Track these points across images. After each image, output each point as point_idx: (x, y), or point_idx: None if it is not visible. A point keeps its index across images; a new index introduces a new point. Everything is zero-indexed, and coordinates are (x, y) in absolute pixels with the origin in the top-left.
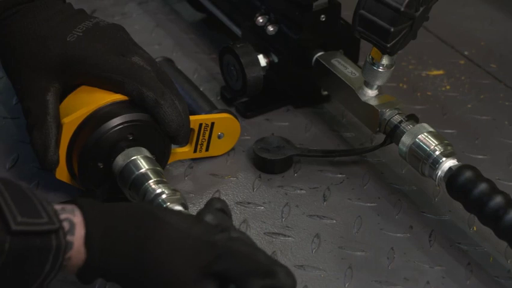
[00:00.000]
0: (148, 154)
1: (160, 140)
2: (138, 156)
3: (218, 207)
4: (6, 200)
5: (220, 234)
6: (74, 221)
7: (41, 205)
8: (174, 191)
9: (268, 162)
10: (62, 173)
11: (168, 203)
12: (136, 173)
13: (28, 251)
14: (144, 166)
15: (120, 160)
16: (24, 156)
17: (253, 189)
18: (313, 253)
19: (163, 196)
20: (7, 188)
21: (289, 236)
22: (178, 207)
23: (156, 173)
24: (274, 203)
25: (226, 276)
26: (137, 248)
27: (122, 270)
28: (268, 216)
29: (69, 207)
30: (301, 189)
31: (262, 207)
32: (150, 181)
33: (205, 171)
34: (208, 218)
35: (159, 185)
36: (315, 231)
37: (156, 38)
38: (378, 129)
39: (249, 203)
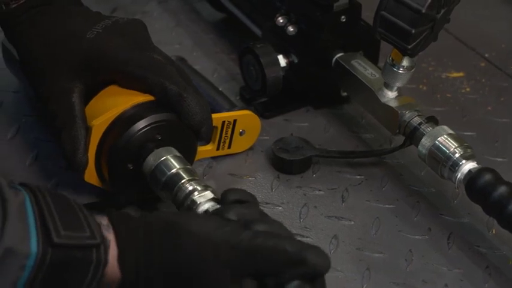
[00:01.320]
0: (177, 153)
1: (187, 138)
2: (168, 156)
3: (234, 199)
4: (51, 213)
5: (243, 233)
6: (109, 239)
7: (85, 219)
8: (205, 187)
9: (287, 163)
10: (90, 175)
11: (199, 202)
12: (168, 173)
13: (69, 263)
14: (175, 166)
15: (150, 161)
16: (44, 154)
17: (272, 189)
18: (331, 254)
19: (195, 193)
20: (54, 199)
21: (307, 237)
22: (209, 204)
23: (188, 172)
24: (293, 204)
25: (261, 274)
26: (168, 263)
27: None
28: (286, 217)
29: (104, 222)
30: (319, 190)
31: (280, 208)
32: (183, 180)
33: (224, 171)
34: (229, 215)
35: (191, 182)
36: (333, 232)
37: (176, 37)
38: (397, 130)
39: (267, 203)
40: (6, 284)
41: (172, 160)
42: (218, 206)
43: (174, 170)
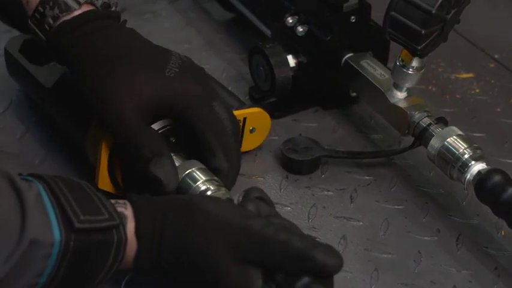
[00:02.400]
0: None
1: None
2: (194, 169)
3: (256, 196)
4: (67, 199)
5: (256, 219)
6: (125, 214)
7: (100, 202)
8: (218, 187)
9: (296, 163)
10: (104, 182)
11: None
12: (183, 174)
13: (91, 247)
14: (201, 177)
15: None
16: (53, 153)
17: (281, 189)
18: None
19: (208, 192)
20: (68, 186)
21: (315, 237)
22: None
23: (205, 172)
24: (301, 204)
25: (267, 265)
26: (180, 238)
27: (171, 260)
28: (295, 217)
29: (121, 201)
30: (328, 191)
31: (289, 208)
32: (198, 182)
33: None
34: (248, 206)
35: (205, 182)
36: (341, 233)
37: (186, 36)
38: (406, 131)
39: (276, 203)
40: (33, 274)
41: (198, 172)
42: (225, 199)
43: (189, 171)
